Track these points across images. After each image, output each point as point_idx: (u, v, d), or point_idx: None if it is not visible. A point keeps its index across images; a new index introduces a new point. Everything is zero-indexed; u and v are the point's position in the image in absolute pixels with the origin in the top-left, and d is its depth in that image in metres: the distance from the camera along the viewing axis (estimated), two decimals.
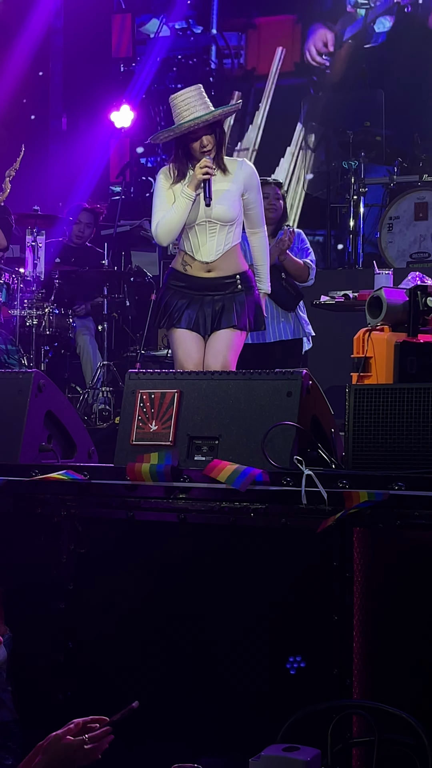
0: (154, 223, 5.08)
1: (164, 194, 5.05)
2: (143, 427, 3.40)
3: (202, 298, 5.02)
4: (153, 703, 3.18)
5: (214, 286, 5.04)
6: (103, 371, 7.83)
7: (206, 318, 4.99)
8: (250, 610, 3.08)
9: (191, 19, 12.17)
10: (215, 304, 5.01)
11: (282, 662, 3.02)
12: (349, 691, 2.92)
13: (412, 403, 3.16)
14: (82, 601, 3.31)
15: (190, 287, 5.05)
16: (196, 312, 5.00)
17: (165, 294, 5.11)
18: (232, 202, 5.02)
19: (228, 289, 5.04)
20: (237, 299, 5.03)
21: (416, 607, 2.88)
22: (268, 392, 3.29)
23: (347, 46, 10.78)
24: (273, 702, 3.03)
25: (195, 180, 4.93)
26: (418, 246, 7.90)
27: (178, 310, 5.02)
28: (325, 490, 2.94)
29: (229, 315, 4.98)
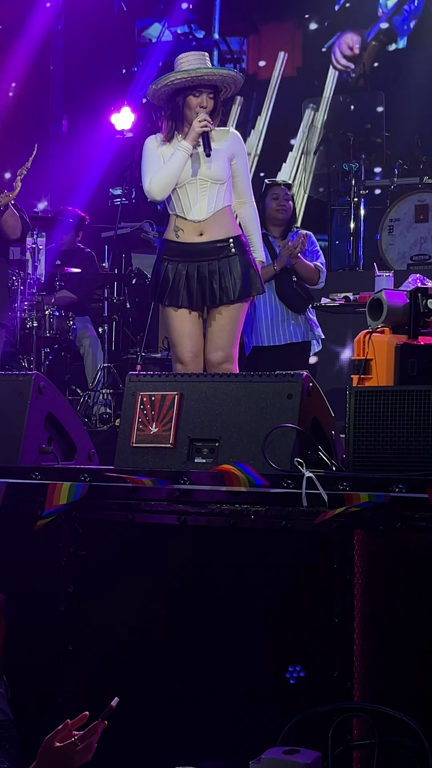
0: (146, 180, 5.05)
1: (154, 156, 5.04)
2: (144, 429, 3.40)
3: (196, 266, 4.98)
4: (153, 706, 3.18)
5: (207, 251, 4.99)
6: (103, 373, 7.83)
7: (204, 291, 4.94)
8: (250, 612, 3.07)
9: (193, 23, 12.18)
10: (212, 275, 4.96)
11: (283, 665, 3.02)
12: (349, 694, 2.92)
13: (412, 406, 3.15)
14: (83, 604, 3.31)
15: (183, 255, 5.00)
16: (194, 285, 4.95)
17: (159, 268, 5.05)
18: (223, 161, 5.02)
19: (222, 253, 4.99)
20: (231, 265, 4.98)
21: (417, 609, 2.88)
22: (269, 394, 3.29)
23: (371, 48, 10.77)
24: (274, 704, 3.02)
25: (193, 133, 4.92)
26: (419, 248, 7.90)
27: (174, 287, 4.97)
28: (326, 492, 2.94)
29: (228, 290, 4.94)
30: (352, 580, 2.93)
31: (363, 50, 10.75)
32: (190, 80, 4.96)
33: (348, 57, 10.83)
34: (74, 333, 7.83)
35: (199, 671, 3.15)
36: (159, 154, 5.04)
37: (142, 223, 9.88)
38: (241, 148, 5.16)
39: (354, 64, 10.81)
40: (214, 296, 4.94)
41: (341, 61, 10.88)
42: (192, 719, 3.14)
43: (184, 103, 5.02)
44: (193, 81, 4.97)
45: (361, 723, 2.84)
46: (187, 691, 3.16)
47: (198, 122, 4.91)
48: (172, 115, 5.05)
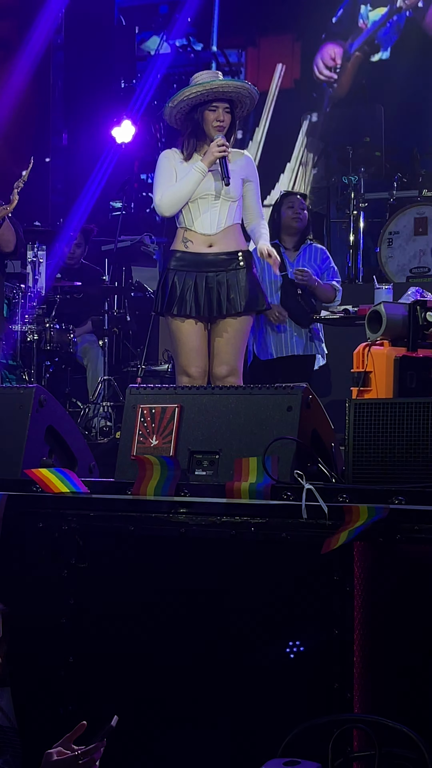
0: (158, 195, 5.07)
1: (168, 170, 5.08)
2: (144, 441, 3.41)
3: (204, 276, 4.99)
4: (153, 717, 3.19)
5: (216, 262, 5.02)
6: (103, 386, 7.84)
7: (212, 301, 4.96)
8: (250, 624, 3.08)
9: (192, 36, 12.23)
10: (219, 286, 4.98)
11: (282, 676, 3.02)
12: (349, 705, 2.92)
13: (411, 418, 3.17)
14: (84, 616, 3.31)
15: (192, 265, 5.03)
16: (201, 296, 4.97)
17: (167, 278, 5.06)
18: (236, 180, 5.06)
19: (230, 265, 5.04)
20: (239, 277, 5.02)
21: (417, 620, 2.88)
22: (269, 407, 3.30)
23: (354, 59, 10.82)
24: (273, 716, 3.03)
25: (210, 156, 4.95)
26: (418, 261, 7.92)
27: (182, 296, 4.98)
28: (326, 504, 2.95)
29: (235, 302, 4.96)
30: (352, 592, 2.94)
31: (346, 61, 10.80)
32: (205, 94, 4.98)
33: (331, 68, 10.88)
34: (75, 346, 7.85)
35: (200, 683, 3.15)
36: (173, 169, 5.06)
37: (142, 236, 9.91)
38: (255, 171, 5.22)
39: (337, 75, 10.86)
40: (221, 307, 4.96)
41: (324, 72, 10.93)
42: (192, 731, 3.15)
43: (202, 119, 5.03)
44: (208, 95, 4.98)
45: (362, 734, 2.84)
46: (187, 703, 3.16)
47: (216, 147, 4.93)
48: (190, 133, 5.07)
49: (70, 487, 3.34)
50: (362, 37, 10.78)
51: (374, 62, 10.77)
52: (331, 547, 2.87)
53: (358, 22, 10.89)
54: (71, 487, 3.34)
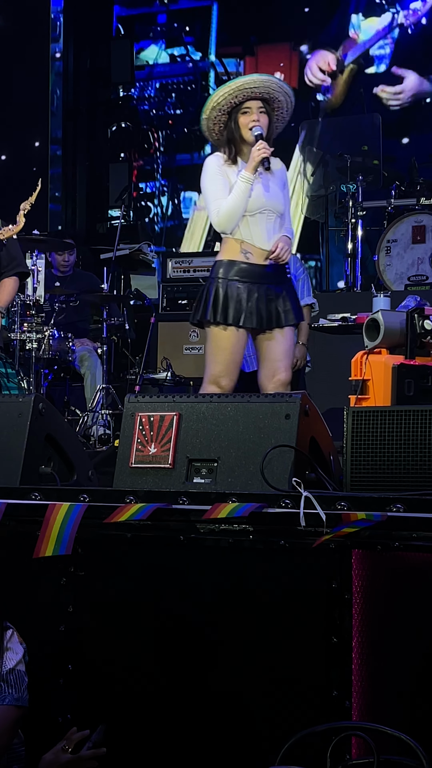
0: (213, 211, 5.07)
1: (217, 178, 5.07)
2: (142, 449, 3.42)
3: (265, 288, 5.01)
4: (151, 724, 3.19)
5: (273, 275, 5.05)
6: (102, 394, 7.84)
7: (271, 312, 4.98)
8: (249, 632, 3.08)
9: (190, 45, 12.26)
10: (277, 298, 5.01)
11: (281, 683, 3.02)
12: (348, 713, 2.92)
13: (410, 425, 3.17)
14: (83, 624, 3.32)
15: (253, 276, 5.02)
16: (262, 307, 4.98)
17: (219, 287, 5.02)
18: (281, 192, 5.11)
19: (283, 278, 5.09)
20: (289, 289, 5.08)
21: (415, 628, 2.89)
22: (267, 415, 3.31)
23: (348, 70, 10.84)
24: (272, 724, 3.03)
25: (253, 162, 4.94)
26: (416, 269, 7.93)
27: (237, 306, 4.97)
28: (324, 512, 2.96)
29: (289, 313, 5.00)
30: (350, 600, 2.94)
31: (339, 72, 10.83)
32: (233, 96, 4.95)
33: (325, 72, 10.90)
34: (74, 354, 7.85)
35: (198, 691, 3.15)
36: (221, 175, 5.06)
37: (140, 244, 9.92)
38: (286, 173, 5.25)
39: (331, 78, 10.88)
40: (279, 318, 4.99)
41: (318, 75, 10.93)
42: (191, 739, 3.15)
43: (236, 125, 5.02)
44: (236, 96, 4.96)
45: (360, 742, 2.85)
46: (185, 711, 3.17)
47: (256, 150, 4.92)
48: (230, 140, 5.06)
49: None
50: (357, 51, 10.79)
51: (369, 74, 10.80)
52: (323, 539, 2.87)
53: (349, 32, 10.91)
54: None
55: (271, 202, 5.05)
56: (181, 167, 12.23)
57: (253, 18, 11.70)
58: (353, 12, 10.97)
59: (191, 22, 12.26)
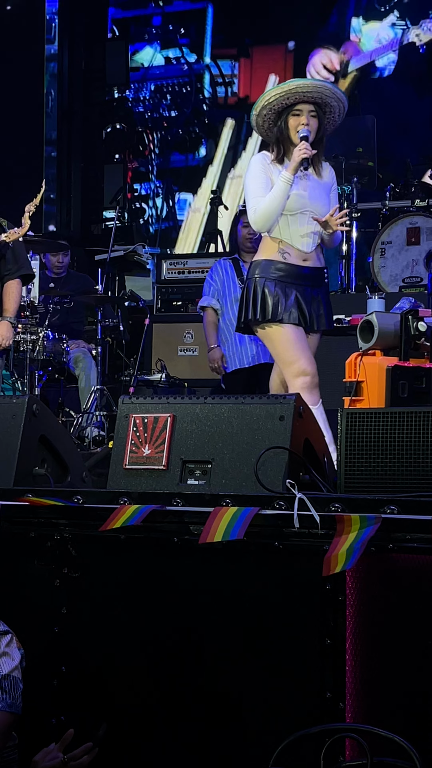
0: (251, 209, 5.04)
1: (260, 177, 5.03)
2: (136, 451, 3.42)
3: (303, 289, 4.99)
4: (145, 725, 3.19)
5: (311, 277, 5.03)
6: (96, 395, 7.84)
7: (312, 314, 4.97)
8: (243, 633, 3.08)
9: (185, 47, 12.26)
10: (314, 301, 4.99)
11: (274, 685, 3.02)
12: (341, 715, 2.92)
13: (403, 427, 3.17)
14: (76, 626, 3.31)
15: (292, 276, 5.00)
16: (303, 307, 4.96)
17: (265, 286, 4.99)
18: (327, 195, 5.09)
19: (321, 281, 5.07)
20: (324, 294, 5.06)
21: (409, 630, 2.89)
22: (261, 416, 3.31)
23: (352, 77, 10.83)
24: (266, 725, 3.03)
25: (294, 163, 4.92)
26: (411, 271, 7.94)
27: (287, 304, 4.95)
28: (318, 514, 2.95)
29: (322, 318, 5.00)
30: (344, 601, 2.94)
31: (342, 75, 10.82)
32: (285, 97, 4.94)
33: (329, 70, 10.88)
34: (68, 355, 7.85)
35: (191, 692, 3.15)
36: (265, 174, 5.03)
37: (135, 245, 9.92)
38: (335, 178, 5.24)
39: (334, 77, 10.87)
40: (313, 322, 4.97)
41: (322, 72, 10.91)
42: (183, 740, 3.15)
43: (286, 125, 5.00)
44: (288, 98, 4.95)
45: (353, 744, 2.84)
46: (179, 712, 3.16)
47: (298, 150, 4.91)
48: (277, 140, 5.04)
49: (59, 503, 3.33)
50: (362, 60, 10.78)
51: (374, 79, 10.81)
52: (331, 571, 2.85)
53: (350, 35, 10.91)
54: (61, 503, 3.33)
55: (313, 204, 5.02)
56: (176, 169, 12.24)
57: (247, 20, 11.71)
58: (353, 15, 10.96)
59: (186, 24, 12.26)
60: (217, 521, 3.02)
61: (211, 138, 11.97)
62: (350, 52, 9.90)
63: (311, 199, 5.04)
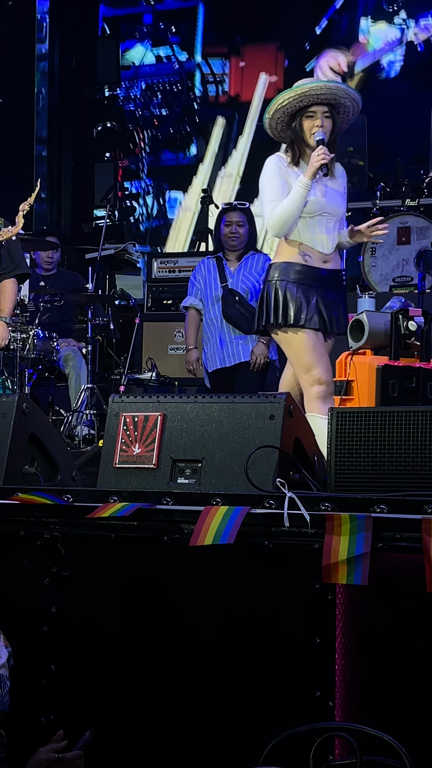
0: (267, 213, 5.00)
1: (275, 180, 5.00)
2: (127, 450, 3.41)
3: (324, 292, 4.95)
4: (135, 726, 3.18)
5: (331, 279, 5.00)
6: (87, 394, 7.83)
7: (330, 318, 4.91)
8: (232, 631, 3.08)
9: (176, 45, 12.26)
10: (332, 303, 4.95)
11: (264, 685, 3.02)
12: (331, 714, 2.92)
13: (393, 426, 3.18)
14: (66, 624, 3.31)
15: (312, 279, 4.96)
16: (323, 310, 4.91)
17: (287, 289, 4.96)
18: (343, 196, 5.07)
19: (337, 283, 5.03)
20: (341, 298, 5.01)
21: (398, 629, 2.89)
22: (251, 415, 3.31)
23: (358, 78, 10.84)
24: (255, 724, 3.03)
25: (312, 168, 4.88)
26: (401, 270, 7.95)
27: (309, 308, 4.91)
28: (308, 513, 2.96)
29: (340, 321, 4.94)
30: (333, 600, 2.94)
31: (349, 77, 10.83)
32: (299, 100, 4.91)
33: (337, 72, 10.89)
34: (58, 354, 7.84)
35: (182, 691, 3.15)
36: (280, 177, 4.99)
37: (126, 244, 9.92)
38: (346, 182, 5.20)
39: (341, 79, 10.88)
40: (332, 325, 4.92)
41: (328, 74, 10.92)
42: (173, 740, 3.14)
43: (300, 128, 4.97)
44: (302, 100, 4.92)
45: (343, 743, 2.85)
46: (168, 710, 3.16)
47: (316, 155, 4.87)
48: (291, 143, 5.01)
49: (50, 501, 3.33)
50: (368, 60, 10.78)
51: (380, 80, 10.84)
52: (336, 581, 2.85)
53: (359, 36, 10.91)
54: (51, 500, 3.33)
55: (331, 205, 5.01)
56: (167, 167, 12.23)
57: (238, 18, 11.71)
58: (362, 15, 10.97)
59: (177, 22, 12.26)
60: (208, 522, 3.02)
61: (201, 136, 11.97)
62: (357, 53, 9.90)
63: (328, 201, 5.02)
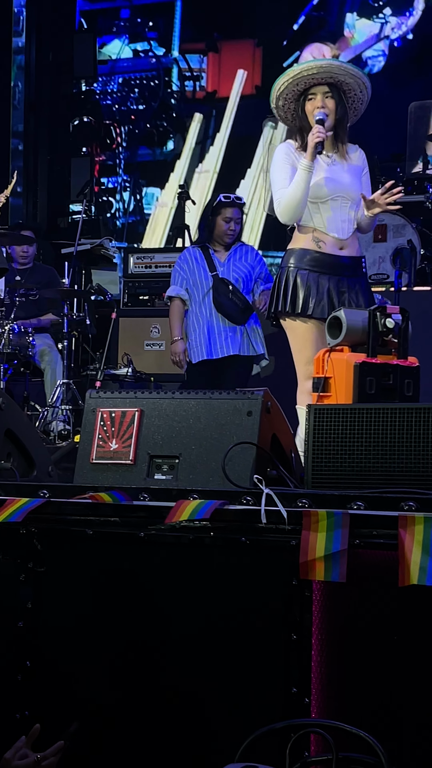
0: (276, 201, 4.92)
1: (283, 167, 4.91)
2: (103, 445, 3.41)
3: (338, 279, 4.88)
4: (110, 722, 3.18)
5: (347, 266, 4.92)
6: (62, 389, 7.81)
7: (347, 304, 4.83)
8: (208, 629, 3.08)
9: (153, 41, 12.24)
10: (349, 290, 4.88)
11: (240, 680, 3.02)
12: (307, 710, 2.93)
13: (371, 423, 3.18)
14: (42, 620, 3.30)
15: (326, 266, 4.89)
16: (334, 298, 4.85)
17: (296, 277, 4.90)
18: (358, 179, 4.95)
19: (358, 271, 4.94)
20: (362, 284, 4.93)
21: (374, 626, 2.90)
22: (229, 411, 3.31)
23: None
24: (231, 721, 3.03)
25: (310, 149, 4.79)
26: (378, 267, 7.96)
27: (319, 297, 4.85)
28: (285, 509, 2.96)
29: (362, 308, 4.75)
30: (310, 597, 2.94)
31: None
32: (295, 84, 4.83)
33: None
34: (34, 349, 7.82)
35: (157, 687, 3.15)
36: (289, 164, 4.90)
37: (102, 239, 9.90)
38: (366, 162, 5.08)
39: None
40: None
41: None
42: (147, 735, 3.14)
43: (303, 112, 4.88)
44: (298, 84, 4.84)
45: (319, 739, 2.85)
46: (144, 707, 3.16)
47: (311, 135, 4.78)
48: (300, 128, 4.91)
49: None
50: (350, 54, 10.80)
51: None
52: (314, 578, 2.85)
53: (344, 31, 10.92)
54: None
55: (345, 188, 4.90)
56: (143, 162, 12.22)
57: (216, 14, 11.71)
58: (348, 11, 10.98)
59: (155, 17, 12.25)
60: (183, 508, 3.03)
61: (178, 132, 11.97)
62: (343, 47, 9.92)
63: (341, 183, 4.92)
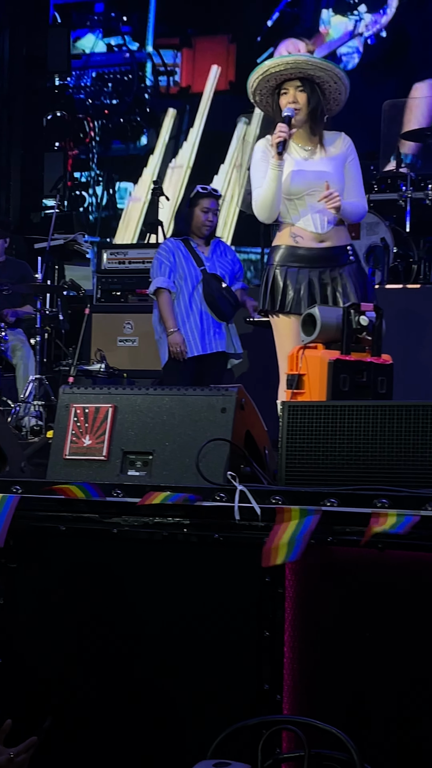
0: (254, 202, 4.89)
1: (260, 164, 4.85)
2: (77, 441, 3.39)
3: (318, 272, 4.85)
4: (82, 719, 3.17)
5: (329, 257, 4.89)
6: (35, 385, 7.78)
7: (326, 298, 4.81)
8: (181, 625, 3.08)
9: (127, 35, 12.22)
10: (333, 281, 4.84)
11: (212, 677, 3.02)
12: (279, 707, 2.93)
13: (344, 420, 3.19)
14: (14, 617, 3.28)
15: (304, 260, 4.87)
16: (316, 292, 4.82)
17: (276, 274, 4.88)
18: (339, 169, 4.89)
19: (341, 260, 4.90)
20: (350, 272, 4.89)
21: (347, 622, 2.90)
22: (203, 408, 3.31)
23: None
24: (202, 718, 3.03)
25: (272, 149, 4.74)
26: None
27: (297, 293, 4.83)
28: (259, 506, 2.96)
29: (349, 297, 4.81)
30: (283, 594, 2.95)
31: None
32: (266, 80, 4.78)
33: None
34: (6, 344, 7.79)
35: (131, 684, 3.14)
36: (266, 161, 4.82)
37: (75, 234, 9.86)
38: (353, 149, 5.00)
39: None
40: (336, 302, 4.82)
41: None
42: (122, 733, 3.14)
43: (278, 108, 4.82)
44: (269, 80, 4.79)
45: (291, 736, 2.86)
46: (116, 704, 3.15)
47: (273, 136, 4.73)
48: (275, 124, 4.83)
49: None
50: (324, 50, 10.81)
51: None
52: (272, 563, 2.85)
53: (320, 27, 10.93)
54: None
55: (321, 182, 4.82)
56: (117, 157, 12.20)
57: (191, 10, 11.70)
58: (324, 7, 10.99)
59: (129, 12, 12.23)
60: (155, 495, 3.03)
61: (152, 127, 11.95)
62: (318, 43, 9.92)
63: (317, 177, 4.85)
